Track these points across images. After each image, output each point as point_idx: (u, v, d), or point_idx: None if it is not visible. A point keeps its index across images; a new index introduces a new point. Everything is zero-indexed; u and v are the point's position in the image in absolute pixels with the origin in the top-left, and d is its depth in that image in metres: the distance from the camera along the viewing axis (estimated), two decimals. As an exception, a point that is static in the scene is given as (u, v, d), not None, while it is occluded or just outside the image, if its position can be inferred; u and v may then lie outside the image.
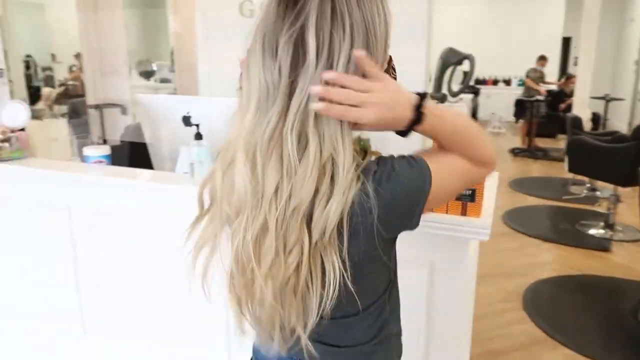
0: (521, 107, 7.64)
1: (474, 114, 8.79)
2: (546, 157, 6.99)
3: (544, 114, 7.36)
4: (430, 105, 0.70)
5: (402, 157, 0.72)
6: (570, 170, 4.30)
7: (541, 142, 7.62)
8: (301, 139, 0.65)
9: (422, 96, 0.69)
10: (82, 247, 1.81)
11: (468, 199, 1.29)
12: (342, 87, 0.65)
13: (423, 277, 1.38)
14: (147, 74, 5.80)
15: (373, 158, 0.72)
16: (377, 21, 0.68)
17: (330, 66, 0.65)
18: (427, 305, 1.41)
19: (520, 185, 5.43)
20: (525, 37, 10.17)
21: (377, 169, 0.68)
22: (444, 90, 5.73)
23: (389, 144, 0.99)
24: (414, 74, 2.42)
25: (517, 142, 7.69)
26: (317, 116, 0.65)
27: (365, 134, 0.97)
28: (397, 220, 0.71)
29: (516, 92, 9.54)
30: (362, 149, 0.76)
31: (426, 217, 0.94)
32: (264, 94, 0.67)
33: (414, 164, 0.71)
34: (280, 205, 0.65)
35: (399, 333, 0.89)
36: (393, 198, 0.68)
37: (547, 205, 4.81)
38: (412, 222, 0.73)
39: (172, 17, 5.30)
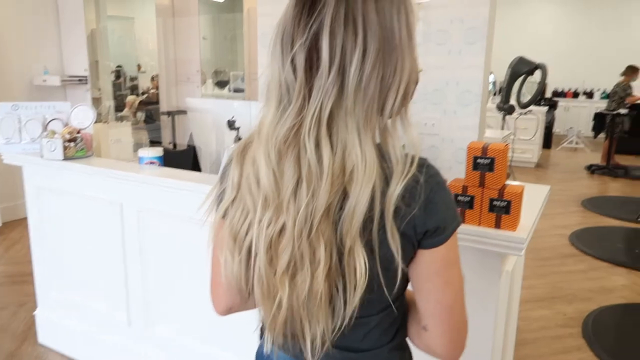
0: (600, 121, 7.13)
1: (549, 128, 8.32)
2: (627, 176, 6.48)
3: (626, 129, 6.83)
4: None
5: None
6: (649, 189, 3.95)
7: (623, 160, 7.09)
8: (318, 144, 0.65)
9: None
10: (130, 242, 1.92)
11: (502, 211, 1.23)
12: None
13: (452, 290, 1.33)
14: (222, 84, 6.04)
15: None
16: (396, 27, 0.66)
17: (342, 74, 0.65)
18: (457, 321, 1.35)
19: (594, 204, 5.06)
20: (612, 46, 9.53)
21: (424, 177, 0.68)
22: (513, 102, 5.48)
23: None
24: (471, 82, 2.31)
25: (597, 158, 7.20)
26: (331, 124, 0.65)
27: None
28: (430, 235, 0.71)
29: (598, 105, 8.94)
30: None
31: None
32: (284, 92, 0.67)
33: None
34: (301, 209, 0.65)
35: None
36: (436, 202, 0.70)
37: (622, 227, 4.44)
38: (441, 236, 0.71)
39: (246, 29, 5.51)
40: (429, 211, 0.68)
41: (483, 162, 1.18)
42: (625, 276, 3.36)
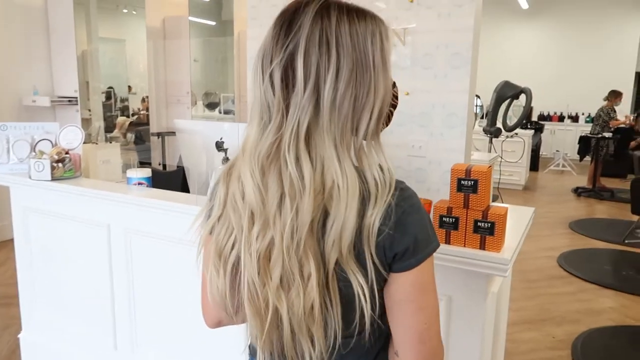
0: (585, 145, 7.25)
1: (535, 151, 8.44)
2: (613, 199, 6.56)
3: (611, 152, 6.95)
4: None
5: None
6: (634, 211, 4.01)
7: (609, 182, 7.19)
8: (298, 159, 0.67)
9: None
10: (118, 264, 1.90)
11: (487, 232, 1.24)
12: None
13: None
14: (212, 106, 6.08)
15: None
16: (370, 50, 0.69)
17: (317, 92, 0.67)
18: (444, 342, 1.35)
19: (581, 226, 5.11)
20: (595, 71, 9.75)
21: (400, 201, 0.69)
22: (499, 125, 5.55)
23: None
24: (456, 105, 2.36)
25: (584, 181, 7.29)
26: (309, 139, 0.67)
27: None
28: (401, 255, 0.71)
29: (583, 128, 9.10)
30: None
31: (442, 250, 0.91)
32: (264, 109, 0.70)
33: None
34: (287, 224, 0.66)
35: None
36: (410, 225, 0.70)
37: (609, 249, 4.48)
38: (410, 260, 0.71)
39: (237, 52, 5.57)
40: (398, 233, 0.69)
41: (467, 183, 1.20)
42: (613, 298, 3.38)
